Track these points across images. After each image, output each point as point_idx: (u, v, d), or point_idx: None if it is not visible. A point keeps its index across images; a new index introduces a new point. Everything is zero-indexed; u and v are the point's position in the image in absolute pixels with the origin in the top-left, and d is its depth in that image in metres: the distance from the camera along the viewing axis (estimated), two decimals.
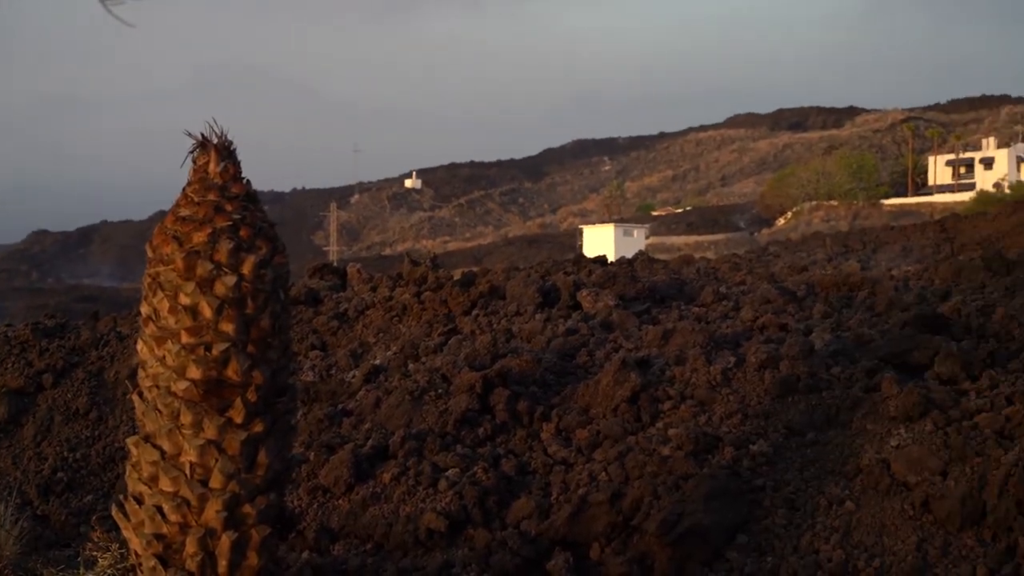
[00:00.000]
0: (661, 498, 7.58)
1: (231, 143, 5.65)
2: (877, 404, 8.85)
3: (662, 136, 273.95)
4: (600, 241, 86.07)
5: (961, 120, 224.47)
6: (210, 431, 5.50)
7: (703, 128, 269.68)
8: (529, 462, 8.83)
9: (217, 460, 5.56)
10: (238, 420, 5.52)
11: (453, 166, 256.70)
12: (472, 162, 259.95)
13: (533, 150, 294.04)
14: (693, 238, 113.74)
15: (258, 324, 5.52)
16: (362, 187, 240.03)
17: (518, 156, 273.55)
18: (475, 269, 19.21)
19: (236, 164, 5.64)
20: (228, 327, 5.41)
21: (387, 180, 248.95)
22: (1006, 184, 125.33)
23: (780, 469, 8.16)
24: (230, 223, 5.45)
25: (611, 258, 23.80)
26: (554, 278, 15.75)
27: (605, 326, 12.93)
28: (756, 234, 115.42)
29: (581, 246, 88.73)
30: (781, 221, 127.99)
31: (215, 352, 5.42)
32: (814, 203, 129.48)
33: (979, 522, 7.17)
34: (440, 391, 10.13)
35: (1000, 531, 7.07)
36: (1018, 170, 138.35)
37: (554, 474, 8.50)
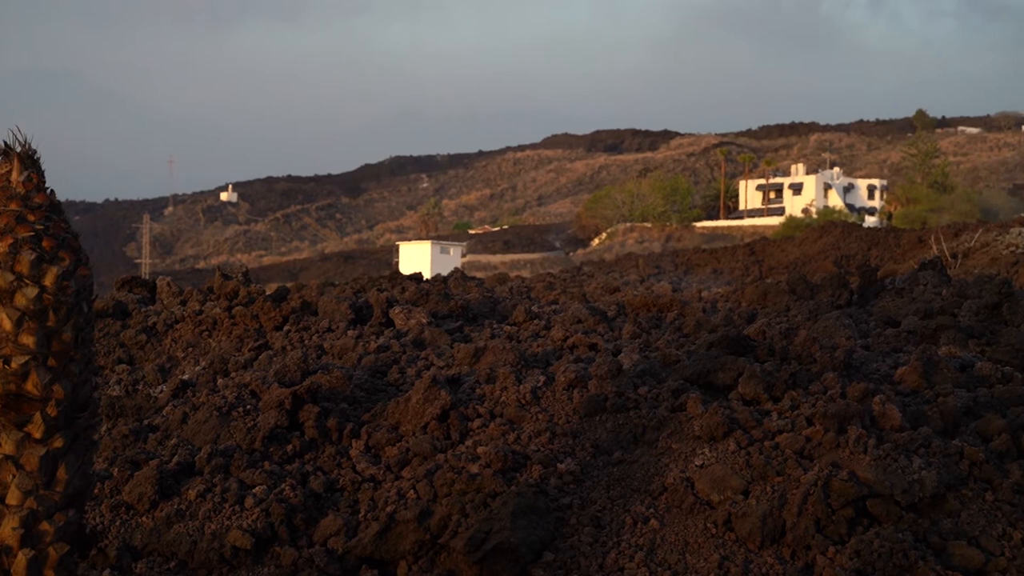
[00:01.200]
0: (469, 516, 7.59)
1: (35, 152, 5.52)
2: (682, 424, 9.01)
3: (480, 154, 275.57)
4: (417, 258, 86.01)
5: (772, 146, 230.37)
6: (7, 446, 5.36)
7: (521, 148, 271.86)
8: (338, 479, 8.77)
9: (14, 476, 5.42)
10: (37, 435, 5.39)
11: (270, 180, 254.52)
12: (289, 176, 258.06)
13: (351, 166, 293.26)
14: (509, 257, 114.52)
15: (60, 337, 5.40)
16: (177, 199, 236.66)
17: (336, 171, 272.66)
18: (289, 284, 19.07)
19: (40, 173, 5.51)
20: (28, 340, 5.29)
21: (202, 193, 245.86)
22: (814, 209, 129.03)
23: (587, 487, 8.23)
24: (32, 234, 5.32)
25: (427, 275, 23.85)
26: (368, 295, 15.71)
27: (417, 343, 12.94)
28: (571, 254, 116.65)
29: (398, 263, 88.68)
30: (596, 242, 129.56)
31: (14, 365, 5.29)
32: (629, 224, 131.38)
33: (779, 540, 7.33)
34: (249, 407, 10.01)
35: (799, 549, 7.23)
36: (825, 196, 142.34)
37: (362, 491, 8.46)
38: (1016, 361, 11.36)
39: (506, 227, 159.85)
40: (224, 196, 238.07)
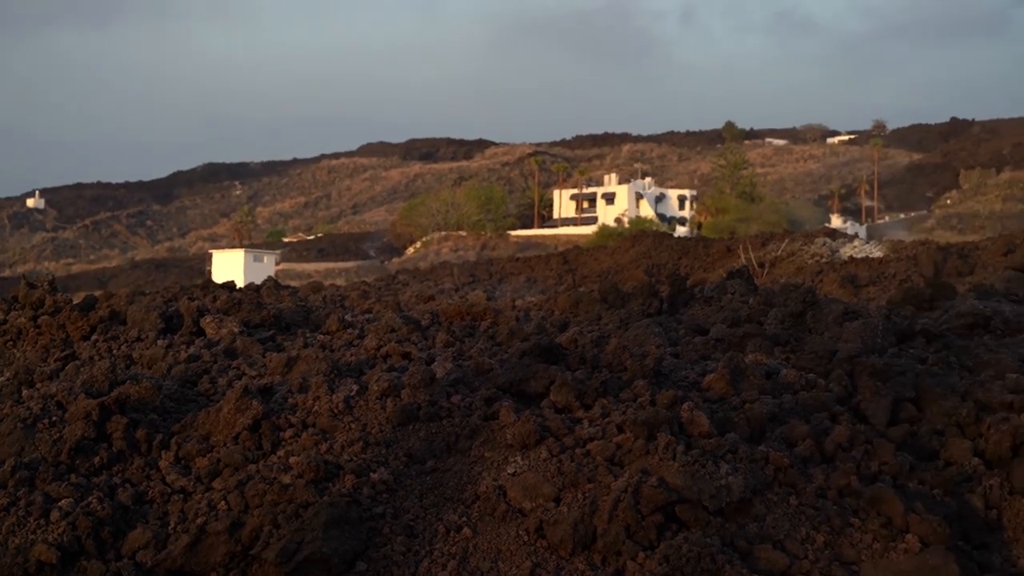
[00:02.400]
0: (281, 527, 7.52)
1: None
2: (495, 432, 9.04)
3: (295, 162, 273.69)
4: (230, 266, 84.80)
5: (585, 156, 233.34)
6: None
7: (336, 155, 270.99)
8: (147, 491, 8.60)
9: None
10: None
11: (79, 186, 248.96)
12: (99, 183, 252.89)
13: (163, 172, 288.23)
14: (324, 265, 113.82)
15: None
16: None
17: (147, 178, 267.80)
18: (98, 293, 18.69)
19: None
20: None
21: (8, 199, 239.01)
22: (626, 219, 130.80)
23: (400, 497, 8.21)
24: None
25: (240, 284, 23.53)
26: (178, 304, 15.47)
27: (228, 353, 12.78)
28: (386, 262, 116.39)
29: (210, 271, 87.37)
30: (411, 250, 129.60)
31: None
32: (444, 233, 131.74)
33: (590, 546, 7.39)
34: (55, 418, 9.76)
35: (610, 555, 7.31)
36: (637, 206, 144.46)
37: (172, 503, 8.31)
38: (820, 368, 11.66)
39: (321, 235, 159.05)
40: (31, 202, 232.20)
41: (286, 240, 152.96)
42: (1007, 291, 21.24)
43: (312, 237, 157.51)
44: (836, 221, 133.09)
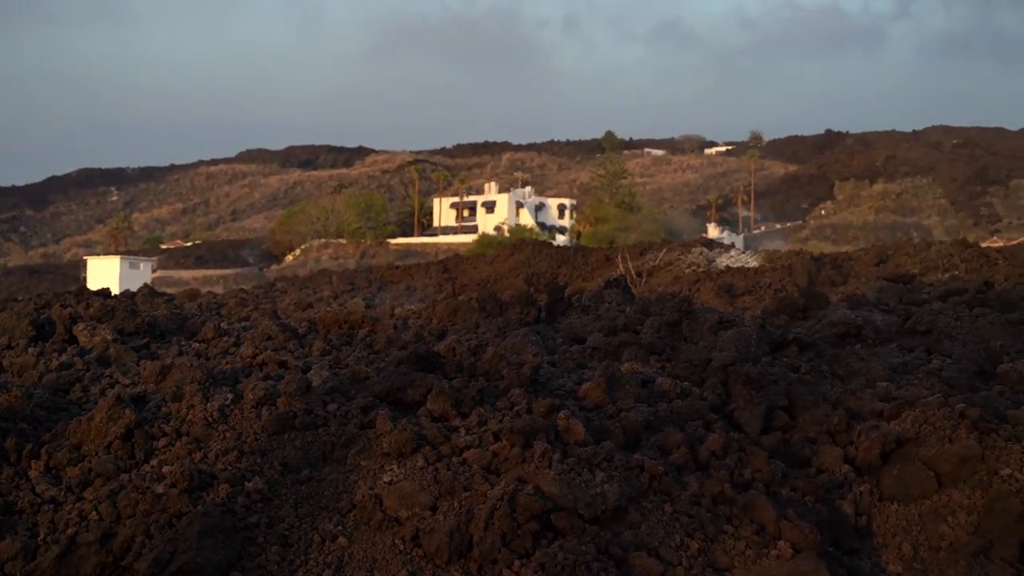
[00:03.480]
0: (154, 537, 7.43)
1: None
2: (371, 440, 9.01)
3: (173, 168, 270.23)
4: (105, 273, 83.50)
5: (466, 164, 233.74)
6: None
7: (214, 162, 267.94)
8: (16, 501, 8.45)
9: None
10: None
11: None
12: None
13: (37, 177, 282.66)
14: (202, 272, 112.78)
15: None
16: None
17: (20, 183, 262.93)
18: None
19: None
20: None
21: None
22: (506, 228, 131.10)
23: (275, 506, 8.15)
24: None
25: (116, 291, 23.21)
26: (51, 311, 15.22)
27: (101, 361, 12.61)
28: (265, 270, 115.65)
29: (85, 278, 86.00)
30: (290, 257, 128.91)
31: None
32: (323, 241, 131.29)
33: (466, 555, 7.39)
34: None
35: (486, 563, 7.31)
36: (517, 214, 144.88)
37: (42, 514, 8.17)
38: (694, 377, 11.79)
39: (199, 242, 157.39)
40: None
41: (163, 247, 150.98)
42: (878, 301, 21.63)
43: (190, 244, 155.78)
44: (713, 231, 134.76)
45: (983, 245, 54.31)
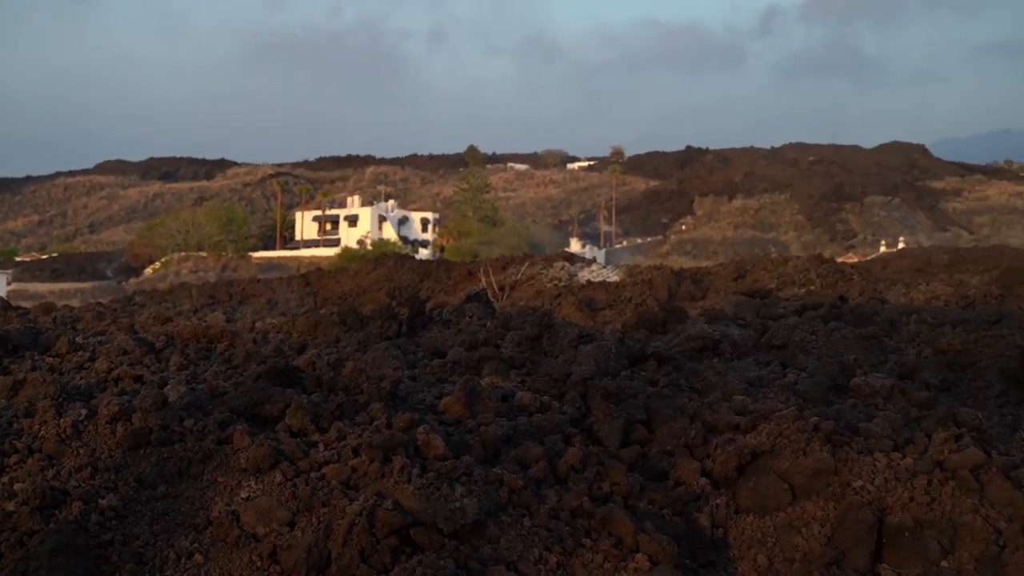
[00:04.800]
0: (4, 556, 7.28)
1: None
2: (229, 456, 8.92)
3: (29, 179, 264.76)
4: None
5: (328, 177, 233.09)
6: None
7: (72, 173, 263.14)
8: None
9: None
10: None
11: None
12: None
13: None
14: (59, 285, 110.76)
15: None
16: None
17: None
18: None
19: None
20: None
21: None
22: (369, 241, 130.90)
23: (130, 523, 8.03)
24: None
25: None
26: None
27: None
28: (124, 283, 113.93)
29: None
30: (150, 271, 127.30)
31: None
32: (183, 254, 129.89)
33: (324, 571, 7.34)
34: None
35: None
36: (380, 228, 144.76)
37: None
38: (554, 391, 11.84)
39: (56, 255, 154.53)
40: None
41: (18, 259, 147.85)
42: (735, 315, 21.98)
43: (46, 256, 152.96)
44: (575, 245, 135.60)
45: (838, 260, 55.64)
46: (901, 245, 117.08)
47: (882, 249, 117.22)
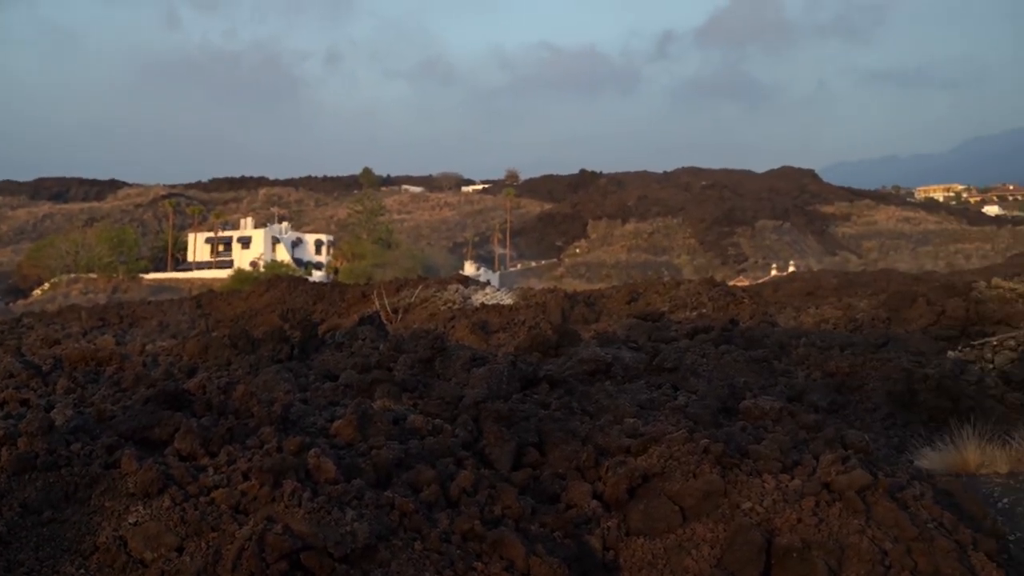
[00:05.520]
0: None
1: None
2: (117, 481, 8.81)
3: None
4: None
5: (221, 199, 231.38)
6: None
7: None
8: None
9: None
10: None
11: None
12: None
13: None
14: None
15: None
16: None
17: None
18: None
19: None
20: None
21: None
22: (262, 263, 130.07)
23: (15, 549, 7.91)
24: None
25: None
26: None
27: None
28: (11, 304, 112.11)
29: None
30: (38, 292, 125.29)
31: None
32: (73, 275, 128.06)
33: None
34: None
35: None
36: (274, 250, 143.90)
37: None
38: (446, 414, 11.85)
39: None
40: None
41: None
42: (627, 338, 22.14)
43: None
44: (470, 268, 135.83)
45: (730, 284, 56.23)
46: (791, 269, 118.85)
47: (773, 273, 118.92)
